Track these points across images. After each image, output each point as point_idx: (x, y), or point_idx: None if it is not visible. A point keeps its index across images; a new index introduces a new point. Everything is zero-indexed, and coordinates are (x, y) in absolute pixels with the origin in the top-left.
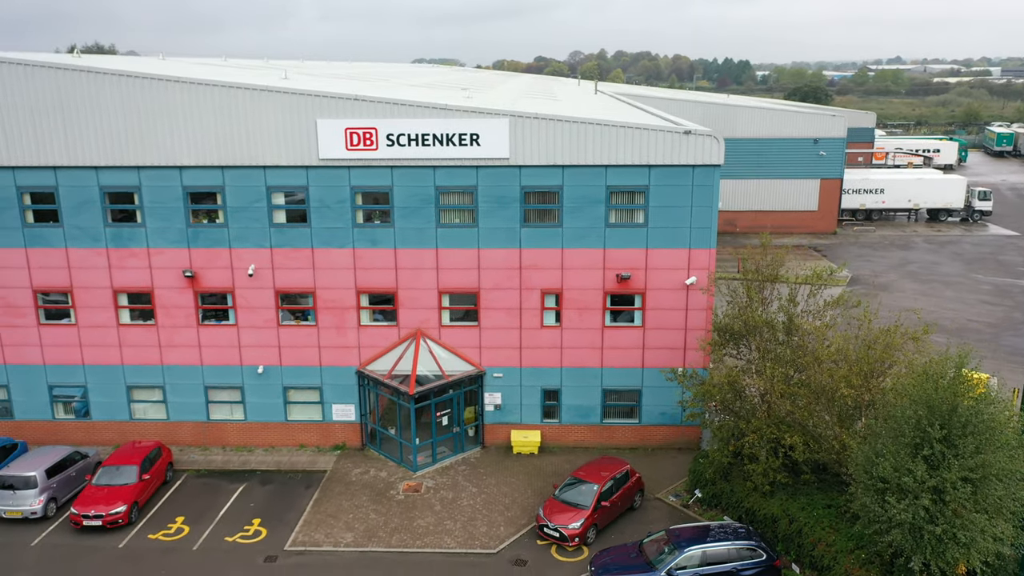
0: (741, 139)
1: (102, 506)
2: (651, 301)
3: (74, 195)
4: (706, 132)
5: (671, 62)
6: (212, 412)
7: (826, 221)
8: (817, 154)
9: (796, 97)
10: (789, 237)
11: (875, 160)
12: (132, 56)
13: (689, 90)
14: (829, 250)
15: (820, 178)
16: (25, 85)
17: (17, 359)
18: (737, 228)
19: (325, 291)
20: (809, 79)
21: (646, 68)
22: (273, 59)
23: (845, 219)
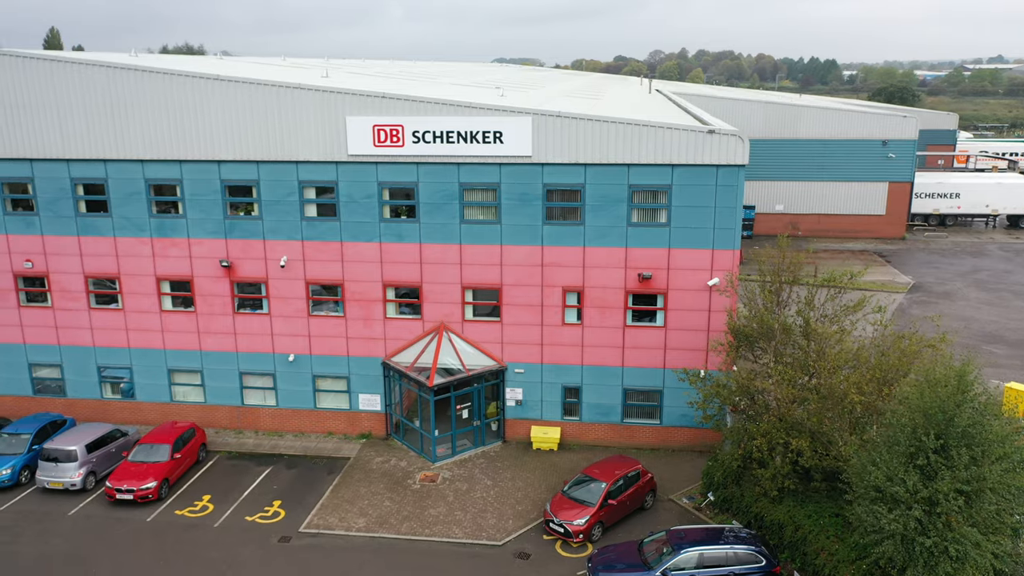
0: (805, 140)
1: (134, 481)
2: (673, 301)
3: (122, 187)
4: (731, 131)
5: (754, 61)
6: (246, 397)
7: (894, 226)
8: (886, 156)
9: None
10: (854, 242)
11: (956, 163)
12: (226, 56)
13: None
14: (895, 256)
15: (888, 181)
16: (79, 83)
17: (70, 340)
18: (799, 231)
19: (353, 283)
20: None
21: (727, 67)
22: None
23: (916, 224)
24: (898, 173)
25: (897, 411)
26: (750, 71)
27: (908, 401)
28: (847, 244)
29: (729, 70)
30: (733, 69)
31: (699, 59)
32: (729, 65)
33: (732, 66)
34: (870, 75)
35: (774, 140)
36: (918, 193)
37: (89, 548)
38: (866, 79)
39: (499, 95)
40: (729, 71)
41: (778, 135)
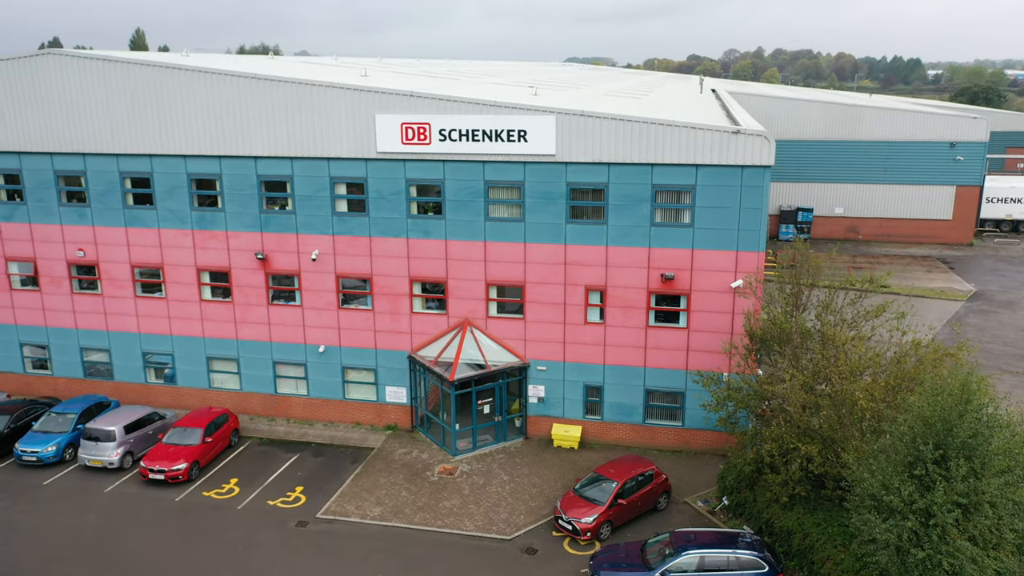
0: (867, 141)
1: (166, 462)
2: (696, 303)
3: (166, 181)
4: (756, 132)
5: (833, 60)
6: (279, 386)
7: (961, 231)
8: (953, 159)
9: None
10: (917, 247)
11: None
12: (303, 56)
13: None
14: (959, 263)
15: (956, 185)
16: (127, 81)
17: (117, 327)
18: (860, 235)
19: (381, 278)
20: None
21: (805, 67)
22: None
23: (987, 230)
24: (966, 176)
25: (897, 419)
26: (828, 70)
27: (909, 409)
28: (909, 249)
29: (806, 69)
30: (810, 68)
31: (776, 58)
32: (806, 64)
33: (809, 65)
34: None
35: (834, 141)
36: (989, 198)
37: (118, 524)
38: (951, 79)
39: (532, 94)
40: (806, 70)
41: (839, 136)
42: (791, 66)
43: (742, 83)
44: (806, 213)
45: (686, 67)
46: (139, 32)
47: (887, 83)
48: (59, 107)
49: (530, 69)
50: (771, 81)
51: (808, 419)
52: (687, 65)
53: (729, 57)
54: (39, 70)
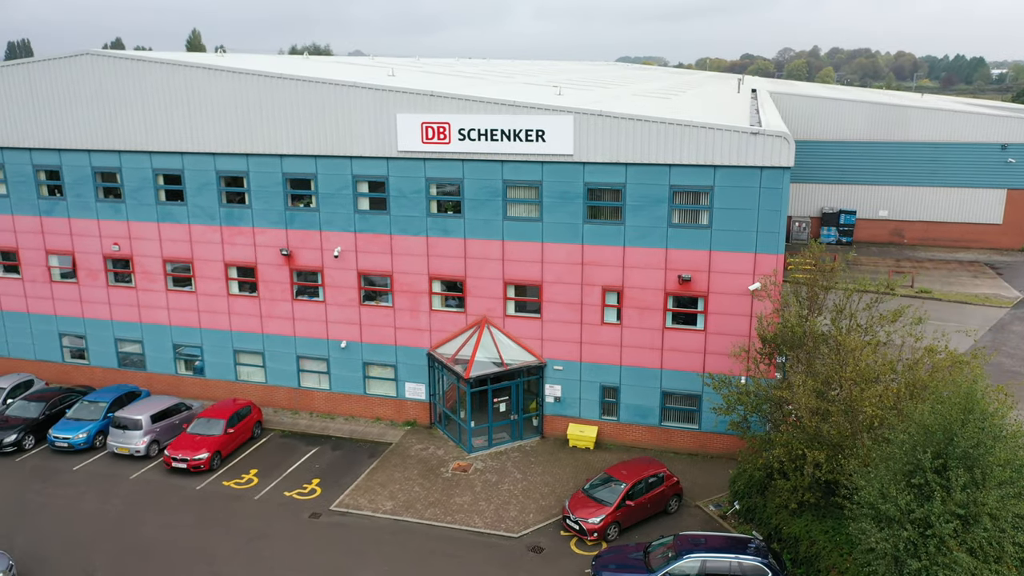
0: (914, 143)
1: (189, 451)
2: (714, 305)
3: (196, 177)
4: (775, 132)
5: (892, 59)
6: (303, 380)
7: (1012, 236)
8: (1005, 161)
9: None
10: (965, 252)
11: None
12: (357, 56)
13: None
14: (1008, 268)
15: (1008, 188)
16: (159, 80)
17: (150, 319)
18: (904, 239)
19: (401, 275)
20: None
21: (862, 66)
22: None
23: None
24: (1019, 179)
25: (897, 426)
26: (886, 70)
27: (910, 417)
28: (956, 254)
29: (863, 68)
30: (868, 67)
31: (832, 57)
32: (864, 63)
33: (867, 64)
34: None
35: (879, 143)
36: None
37: (140, 510)
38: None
39: (555, 93)
40: (863, 69)
41: (884, 137)
42: (847, 65)
43: (787, 82)
44: (848, 216)
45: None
46: (195, 32)
47: (948, 83)
48: (96, 106)
49: (570, 68)
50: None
51: (818, 425)
52: (740, 64)
53: (783, 56)
54: (77, 70)
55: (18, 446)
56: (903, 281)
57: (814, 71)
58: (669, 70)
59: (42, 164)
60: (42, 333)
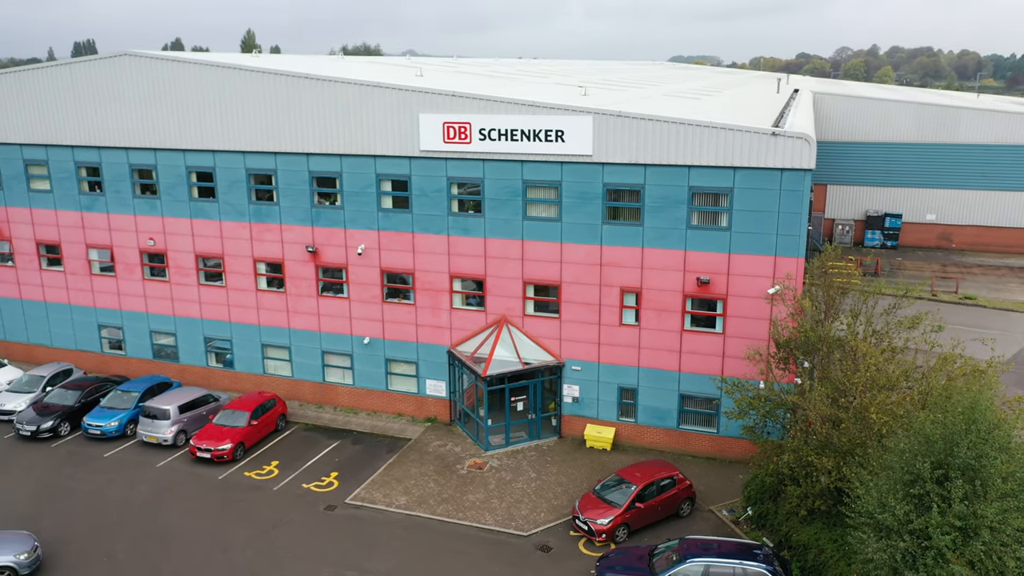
0: (963, 145)
1: (213, 442)
2: (732, 308)
3: (227, 175)
4: (796, 134)
5: (955, 58)
6: (327, 375)
7: None
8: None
9: None
10: (1017, 258)
11: None
12: (410, 56)
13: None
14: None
15: None
16: (193, 80)
17: (183, 312)
18: (953, 244)
19: (423, 273)
20: None
21: (922, 65)
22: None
23: None
24: None
25: (898, 435)
26: (948, 69)
27: (911, 425)
28: (1007, 260)
29: (924, 68)
30: (928, 67)
31: (891, 56)
32: (924, 63)
33: (928, 64)
34: None
35: (927, 144)
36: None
37: (164, 497)
38: None
39: (581, 94)
40: (924, 69)
41: (933, 139)
42: (907, 65)
43: (835, 82)
44: (894, 219)
45: (794, 66)
46: (249, 33)
47: (1013, 82)
48: (134, 104)
49: (612, 68)
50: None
51: (829, 431)
52: (795, 64)
53: (840, 56)
54: (117, 70)
55: (54, 432)
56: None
57: (872, 71)
58: (717, 69)
59: (83, 161)
60: (82, 324)
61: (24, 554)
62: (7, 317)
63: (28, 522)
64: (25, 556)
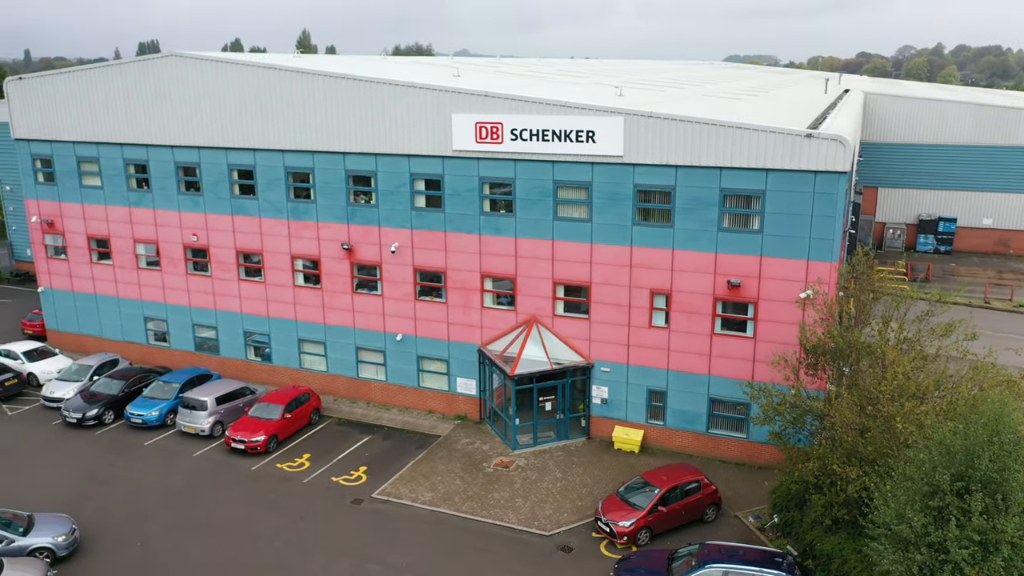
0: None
1: (247, 433)
2: (764, 312)
3: (267, 173)
4: (830, 136)
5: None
6: (361, 370)
7: None
8: None
9: None
10: None
11: None
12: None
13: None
14: None
15: None
16: (234, 80)
17: (224, 306)
18: (1011, 250)
19: (454, 272)
20: None
21: (990, 64)
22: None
23: None
24: None
25: (918, 445)
26: (1017, 68)
27: (932, 436)
28: None
29: (991, 67)
30: (996, 66)
31: (957, 55)
32: (992, 62)
33: (996, 63)
34: None
35: (985, 147)
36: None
37: (198, 486)
38: None
39: (616, 94)
40: (991, 68)
41: (991, 141)
42: (974, 64)
43: (890, 82)
44: (948, 223)
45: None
46: (305, 33)
47: None
48: (179, 104)
49: (659, 68)
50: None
51: (855, 440)
52: (855, 63)
53: (903, 55)
54: (163, 70)
55: (99, 420)
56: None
57: (936, 70)
58: (769, 69)
59: (131, 158)
60: (129, 316)
61: (62, 536)
62: (60, 308)
63: (69, 506)
64: (63, 538)
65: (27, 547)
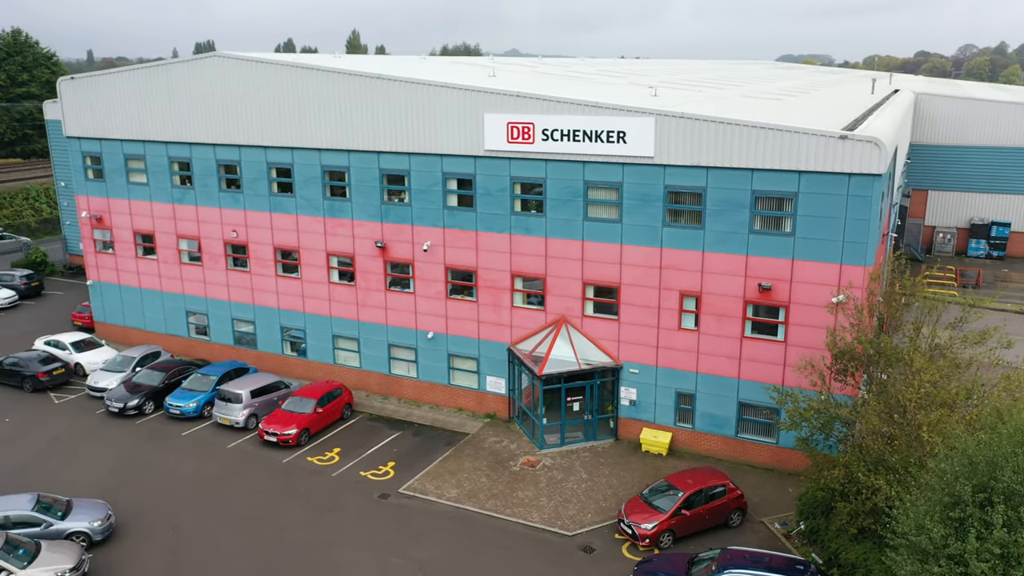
0: None
1: (279, 427)
2: (795, 316)
3: (304, 171)
4: (866, 137)
5: None
6: (393, 367)
7: None
8: None
9: None
10: None
11: None
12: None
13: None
14: None
15: None
16: (274, 80)
17: (262, 302)
18: None
19: (485, 271)
20: None
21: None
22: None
23: None
24: None
25: (939, 454)
26: None
27: (955, 444)
28: None
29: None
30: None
31: (1021, 54)
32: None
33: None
34: None
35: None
36: None
37: (231, 476)
38: None
39: (651, 94)
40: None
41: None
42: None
43: (945, 82)
44: (1002, 228)
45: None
46: (354, 33)
47: None
48: (220, 103)
49: (703, 67)
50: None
51: (882, 448)
52: (912, 63)
53: (964, 54)
54: (205, 71)
55: (139, 410)
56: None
57: (998, 70)
58: (819, 69)
59: (176, 156)
60: (172, 309)
61: (98, 521)
62: (107, 301)
63: (107, 492)
64: (99, 523)
65: (64, 531)
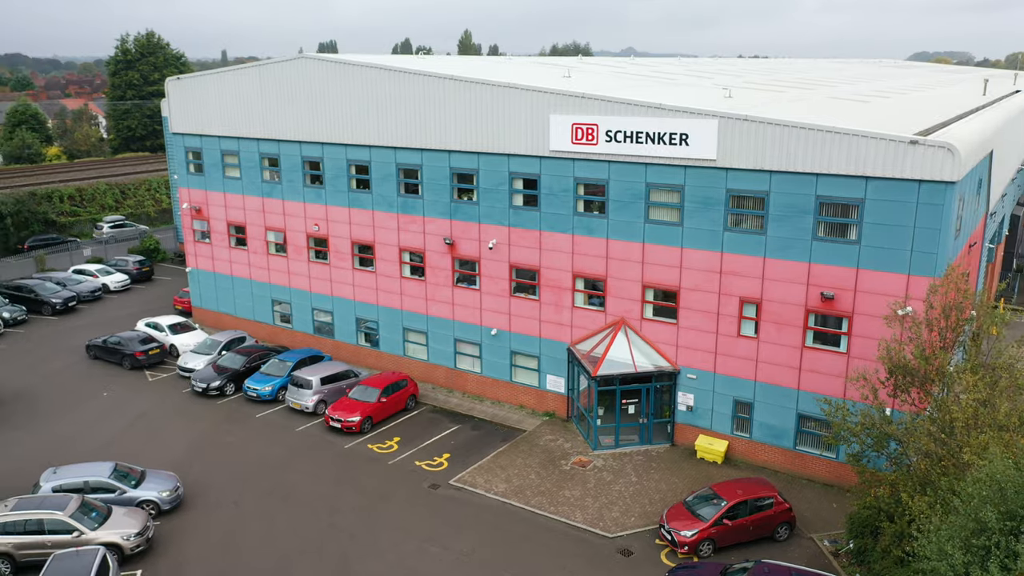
0: None
1: (344, 413)
2: (858, 327)
3: (380, 169)
4: (938, 143)
5: None
6: (458, 362)
7: None
8: None
9: None
10: None
11: None
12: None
13: None
14: None
15: None
16: (355, 80)
17: (339, 293)
18: None
19: (547, 271)
20: None
21: None
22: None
23: None
24: None
25: (966, 478)
26: None
27: (982, 469)
28: None
29: None
30: None
31: None
32: None
33: None
34: None
35: None
36: None
37: (295, 459)
38: None
39: (725, 96)
40: None
41: None
42: None
43: None
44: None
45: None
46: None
47: None
48: (305, 102)
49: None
50: None
51: (929, 469)
52: None
53: None
54: (293, 71)
55: (221, 391)
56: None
57: None
58: (939, 68)
59: (266, 152)
60: (259, 298)
61: (167, 492)
62: (203, 287)
63: (180, 465)
64: (168, 494)
65: (136, 499)
